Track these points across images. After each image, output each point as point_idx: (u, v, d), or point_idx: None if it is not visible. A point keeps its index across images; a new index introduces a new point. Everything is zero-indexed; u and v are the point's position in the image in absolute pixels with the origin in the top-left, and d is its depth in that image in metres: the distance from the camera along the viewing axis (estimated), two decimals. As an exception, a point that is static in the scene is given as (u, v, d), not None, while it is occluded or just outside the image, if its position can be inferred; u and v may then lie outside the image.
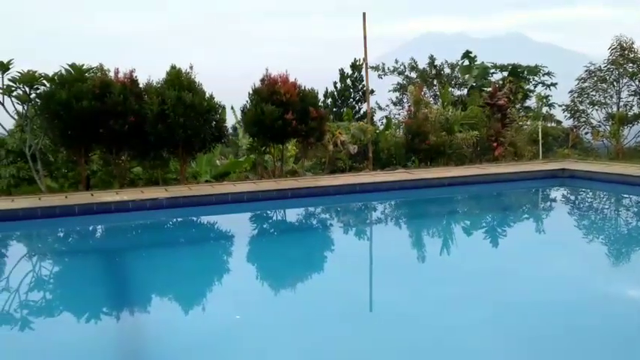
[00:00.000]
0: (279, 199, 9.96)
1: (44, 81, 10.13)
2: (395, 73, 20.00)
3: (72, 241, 8.95)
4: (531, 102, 18.42)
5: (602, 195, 11.44)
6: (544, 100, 17.76)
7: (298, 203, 10.12)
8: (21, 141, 10.66)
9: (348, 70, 21.12)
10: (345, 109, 18.18)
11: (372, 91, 17.11)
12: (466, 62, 19.51)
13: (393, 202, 11.05)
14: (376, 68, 19.66)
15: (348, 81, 21.08)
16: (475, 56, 19.44)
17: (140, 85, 10.71)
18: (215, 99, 10.94)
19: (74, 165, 11.06)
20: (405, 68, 19.94)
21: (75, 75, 10.17)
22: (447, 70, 19.73)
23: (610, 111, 16.69)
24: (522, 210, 11.01)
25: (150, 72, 11.34)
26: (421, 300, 5.54)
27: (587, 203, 11.37)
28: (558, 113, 18.33)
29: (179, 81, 10.50)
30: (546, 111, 18.11)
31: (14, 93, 10.09)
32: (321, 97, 17.94)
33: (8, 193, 10.28)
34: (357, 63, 20.65)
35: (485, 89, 16.70)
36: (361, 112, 19.98)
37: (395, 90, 20.23)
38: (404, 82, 19.72)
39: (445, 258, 7.39)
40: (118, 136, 10.18)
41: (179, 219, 9.52)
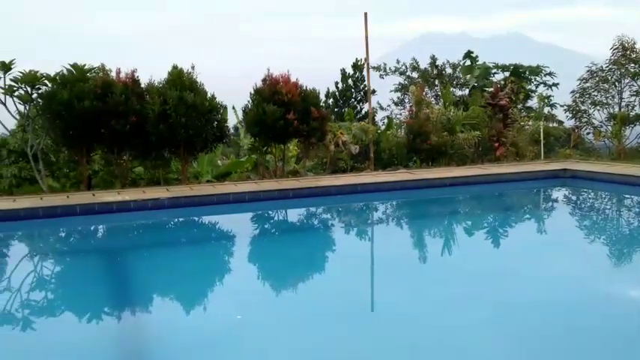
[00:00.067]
0: (280, 199, 9.97)
1: (46, 81, 10.14)
2: (396, 73, 19.97)
3: (73, 241, 8.95)
4: (533, 102, 18.40)
5: (603, 195, 11.43)
6: (546, 101, 17.73)
7: (300, 203, 10.12)
8: (23, 141, 10.67)
9: (350, 70, 21.10)
10: (347, 109, 18.15)
11: (374, 91, 17.08)
12: (468, 62, 19.47)
13: (395, 203, 11.05)
14: (378, 68, 19.63)
15: (350, 81, 21.05)
16: (477, 56, 19.41)
17: (142, 85, 10.72)
18: (217, 99, 10.97)
19: (76, 165, 11.06)
20: (407, 68, 19.91)
21: (77, 75, 10.18)
22: (449, 70, 19.71)
23: (612, 111, 16.67)
24: (524, 210, 10.99)
25: (149, 72, 11.36)
26: (422, 300, 5.54)
27: (588, 203, 11.36)
28: (560, 113, 18.33)
29: (181, 81, 10.51)
30: (548, 111, 18.09)
31: (16, 93, 10.11)
32: (323, 97, 17.92)
33: (10, 193, 10.30)
34: (359, 63, 20.61)
35: (486, 89, 16.68)
36: (363, 112, 19.96)
37: (396, 90, 20.20)
38: (405, 82, 19.69)
39: (446, 258, 7.39)
40: (120, 136, 10.19)
41: (180, 219, 9.52)
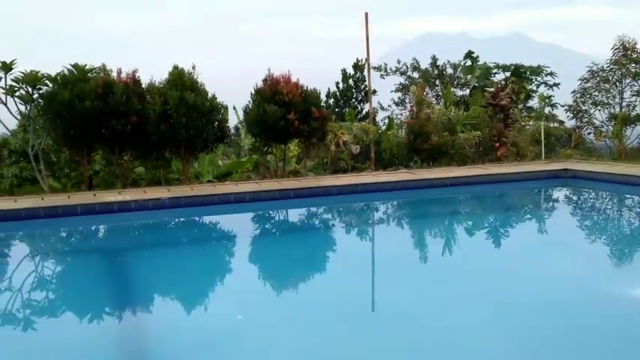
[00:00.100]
0: (281, 200, 9.97)
1: (47, 81, 10.14)
2: (397, 74, 19.97)
3: (74, 241, 8.96)
4: (534, 102, 18.39)
5: (604, 195, 11.43)
6: (546, 101, 17.72)
7: (300, 203, 10.12)
8: (24, 141, 10.67)
9: (350, 70, 21.09)
10: (348, 110, 18.14)
11: (375, 92, 17.07)
12: (468, 62, 19.46)
13: (396, 203, 11.05)
14: (378, 68, 19.62)
15: (350, 81, 21.03)
16: (477, 56, 19.40)
17: (142, 86, 10.72)
18: (217, 99, 10.97)
19: (77, 165, 11.07)
20: (408, 68, 19.91)
21: (77, 75, 10.18)
22: (450, 71, 19.70)
23: (613, 111, 16.67)
24: (525, 210, 10.98)
25: (150, 72, 11.35)
26: (423, 300, 5.53)
27: (589, 204, 11.35)
28: (561, 113, 18.32)
29: (181, 81, 10.51)
30: (549, 111, 18.08)
31: (17, 93, 10.12)
32: (324, 97, 17.92)
33: (11, 193, 10.30)
34: (360, 63, 20.59)
35: (487, 89, 16.67)
36: (363, 113, 19.94)
37: (397, 90, 20.19)
38: (406, 83, 19.69)
39: (447, 258, 7.39)
40: (121, 136, 10.20)
41: (181, 219, 9.53)
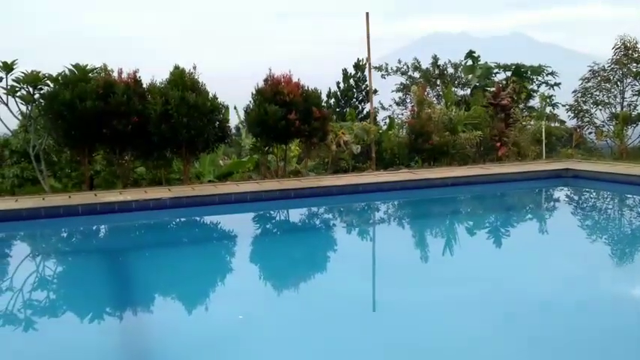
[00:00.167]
0: (282, 199, 9.97)
1: (48, 81, 10.15)
2: (398, 73, 19.96)
3: (75, 241, 8.97)
4: (535, 102, 18.39)
5: (606, 195, 11.42)
6: (547, 100, 17.71)
7: (301, 203, 10.12)
8: (25, 141, 10.68)
9: (351, 70, 21.09)
10: (348, 109, 18.14)
11: (375, 91, 17.06)
12: (469, 62, 19.45)
13: (396, 203, 11.04)
14: (379, 68, 19.61)
15: (351, 81, 21.04)
16: (478, 56, 19.39)
17: (143, 86, 10.73)
18: (218, 99, 10.98)
19: (78, 165, 11.07)
20: (408, 68, 19.90)
21: (78, 75, 10.19)
22: (451, 70, 19.69)
23: (614, 111, 16.64)
24: (526, 210, 10.98)
25: (151, 72, 11.36)
26: (424, 300, 5.52)
27: (590, 203, 11.34)
28: (562, 113, 18.29)
29: (182, 81, 10.52)
30: (550, 111, 18.06)
31: (18, 93, 10.13)
32: (324, 97, 17.91)
33: (12, 193, 10.32)
34: (360, 63, 20.60)
35: (488, 89, 16.66)
36: (364, 112, 19.95)
37: (398, 90, 20.17)
38: (407, 82, 19.68)
39: (448, 258, 7.38)
40: (122, 137, 10.20)
41: (182, 219, 9.53)
